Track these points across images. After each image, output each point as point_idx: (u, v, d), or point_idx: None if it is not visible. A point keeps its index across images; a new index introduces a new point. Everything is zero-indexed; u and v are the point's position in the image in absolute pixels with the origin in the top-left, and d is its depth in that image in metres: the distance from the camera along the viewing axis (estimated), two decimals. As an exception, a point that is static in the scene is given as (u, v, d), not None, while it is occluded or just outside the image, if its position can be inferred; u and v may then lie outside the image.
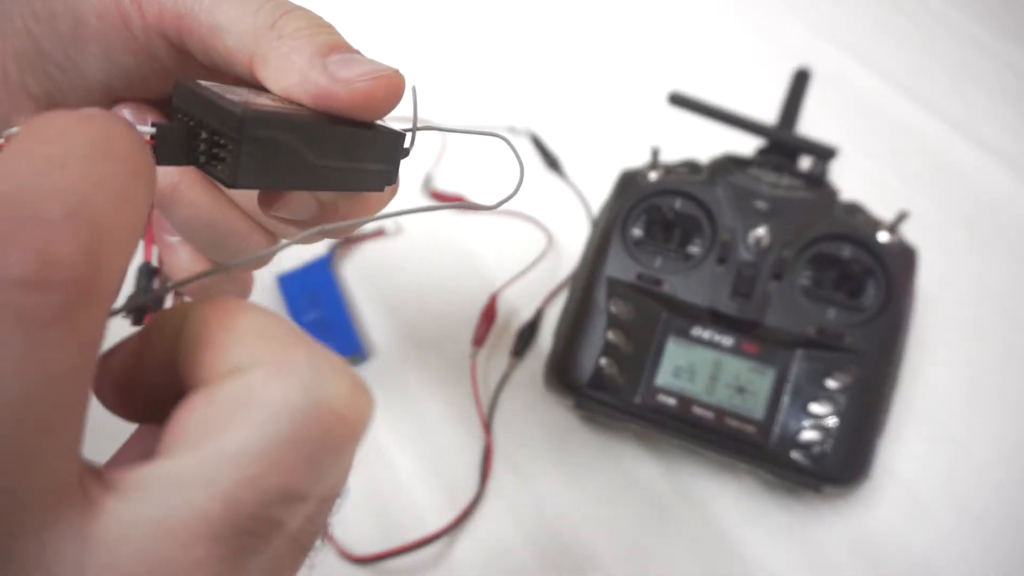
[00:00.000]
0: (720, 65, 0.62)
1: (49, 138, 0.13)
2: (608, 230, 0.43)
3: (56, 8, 0.22)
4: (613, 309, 0.41)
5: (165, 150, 0.18)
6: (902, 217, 0.42)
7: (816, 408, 0.39)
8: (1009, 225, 0.53)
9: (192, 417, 0.15)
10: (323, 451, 0.15)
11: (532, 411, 0.45)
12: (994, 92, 0.61)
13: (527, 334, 0.46)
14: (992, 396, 0.46)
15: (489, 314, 0.47)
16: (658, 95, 0.47)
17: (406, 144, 0.22)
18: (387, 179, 0.22)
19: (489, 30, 0.63)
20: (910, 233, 0.44)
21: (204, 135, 0.18)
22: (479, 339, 0.46)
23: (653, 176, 0.43)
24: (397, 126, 0.22)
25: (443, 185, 0.54)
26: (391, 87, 0.20)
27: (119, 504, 0.13)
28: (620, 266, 0.42)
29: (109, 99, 0.24)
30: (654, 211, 0.43)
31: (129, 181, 0.14)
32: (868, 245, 0.41)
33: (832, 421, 0.39)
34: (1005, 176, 0.56)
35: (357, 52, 0.21)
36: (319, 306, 0.47)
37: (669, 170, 0.44)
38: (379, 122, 0.21)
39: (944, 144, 0.57)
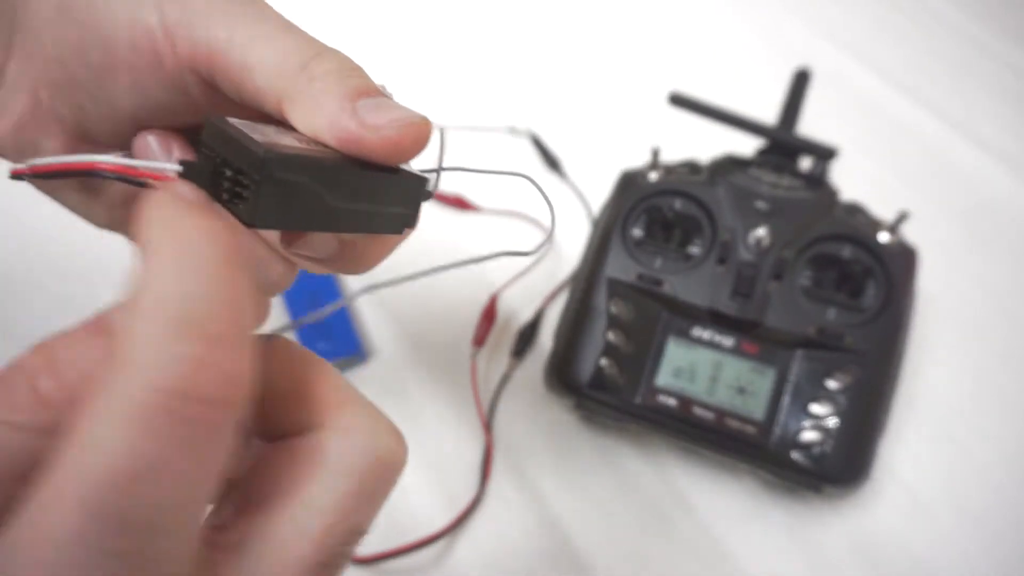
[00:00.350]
0: (720, 65, 0.62)
1: (190, 249, 0.15)
2: (608, 230, 0.43)
3: (88, 39, 0.23)
4: (613, 309, 0.41)
5: (199, 172, 0.18)
6: (902, 217, 0.42)
7: (816, 408, 0.39)
8: (1009, 225, 0.53)
9: (277, 470, 0.17)
10: (379, 494, 0.18)
11: (532, 412, 0.45)
12: (994, 92, 0.61)
13: (527, 334, 0.46)
14: (993, 396, 0.46)
15: (489, 314, 0.47)
16: (658, 95, 0.47)
17: (429, 186, 0.22)
18: (406, 222, 0.22)
19: (489, 30, 0.63)
20: (910, 233, 0.44)
21: (228, 173, 0.18)
22: (479, 339, 0.46)
23: (653, 176, 0.43)
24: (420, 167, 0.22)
25: (443, 185, 0.54)
26: (419, 134, 0.20)
27: (238, 560, 0.16)
28: (620, 266, 0.42)
29: (136, 127, 0.24)
30: (654, 211, 0.43)
31: (254, 288, 0.16)
32: (868, 245, 0.41)
33: (832, 421, 0.39)
34: (1005, 176, 0.56)
35: (386, 96, 0.21)
36: (319, 306, 0.47)
37: (669, 170, 0.44)
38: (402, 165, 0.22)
39: (944, 144, 0.57)
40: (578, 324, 0.41)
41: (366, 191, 0.20)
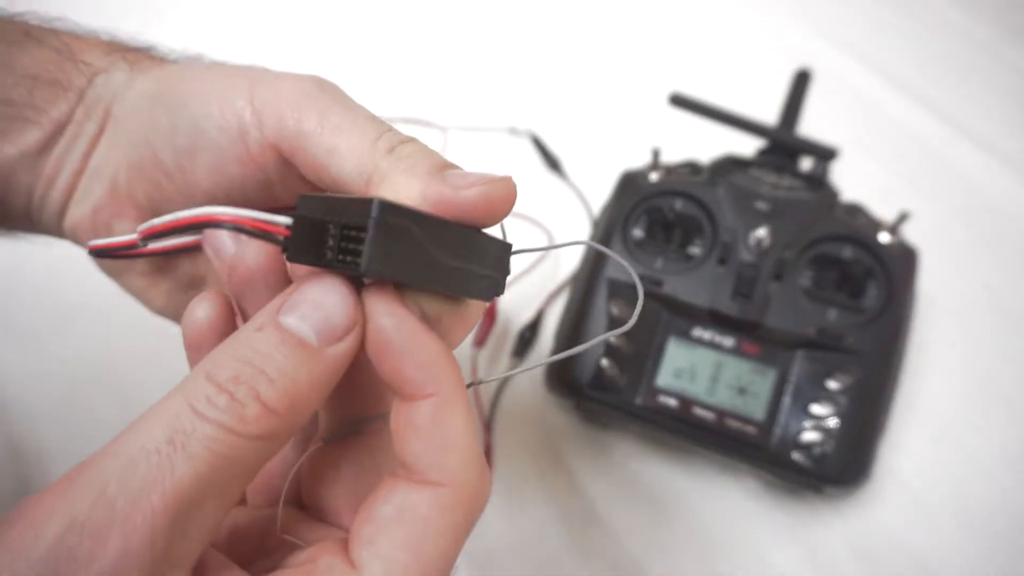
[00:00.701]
0: (720, 65, 0.62)
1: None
2: (609, 231, 0.43)
3: (179, 122, 0.24)
4: (614, 310, 0.41)
5: (297, 244, 0.19)
6: (903, 218, 0.42)
7: (817, 409, 0.39)
8: (1010, 225, 0.53)
9: (382, 516, 0.19)
10: (465, 541, 0.21)
11: (533, 412, 0.45)
12: (995, 92, 0.61)
13: (528, 335, 0.46)
14: (993, 397, 0.46)
15: (490, 315, 0.47)
16: (659, 96, 0.47)
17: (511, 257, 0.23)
18: (495, 288, 0.22)
19: (490, 31, 0.63)
20: (911, 234, 0.44)
21: (333, 231, 0.19)
22: (480, 340, 0.46)
23: (654, 177, 0.43)
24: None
25: (444, 186, 0.54)
26: (507, 190, 0.21)
27: None
28: (621, 267, 0.42)
29: (208, 204, 0.25)
30: (655, 212, 0.43)
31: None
32: (869, 246, 0.41)
33: (833, 422, 0.39)
34: (1006, 176, 0.56)
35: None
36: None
37: (670, 171, 0.44)
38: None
39: (945, 144, 0.57)
40: (579, 324, 0.41)
41: (462, 247, 0.21)
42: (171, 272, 0.28)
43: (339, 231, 0.19)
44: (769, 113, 0.48)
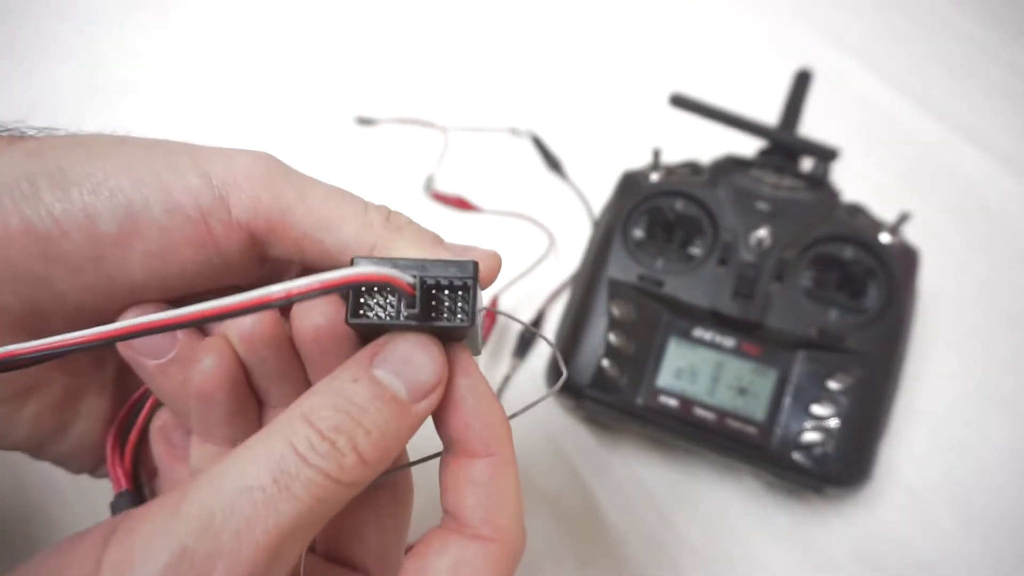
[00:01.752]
0: (721, 66, 0.62)
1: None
2: (609, 231, 0.43)
3: (100, 207, 0.21)
4: (614, 310, 0.41)
5: (420, 300, 0.20)
6: (904, 218, 0.42)
7: (818, 409, 0.39)
8: (1011, 225, 0.53)
9: (437, 569, 0.20)
10: None
11: (533, 412, 0.45)
12: (995, 92, 0.61)
13: (528, 335, 0.46)
14: (994, 397, 0.46)
15: (490, 315, 0.47)
16: (659, 96, 0.47)
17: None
18: (478, 348, 0.25)
19: (490, 31, 0.63)
20: (911, 234, 0.44)
21: (425, 290, 0.20)
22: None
23: (654, 177, 0.43)
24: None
25: (444, 186, 0.54)
26: (498, 260, 0.23)
27: None
28: (621, 267, 0.42)
29: (132, 298, 0.22)
30: (655, 212, 0.43)
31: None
32: (870, 246, 0.41)
33: (834, 422, 0.39)
34: (1006, 176, 0.56)
35: None
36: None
37: (670, 171, 0.44)
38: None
39: (945, 145, 0.57)
40: (579, 325, 0.41)
41: (474, 303, 0.22)
42: (40, 391, 0.24)
43: (429, 290, 0.20)
44: (769, 113, 0.48)
